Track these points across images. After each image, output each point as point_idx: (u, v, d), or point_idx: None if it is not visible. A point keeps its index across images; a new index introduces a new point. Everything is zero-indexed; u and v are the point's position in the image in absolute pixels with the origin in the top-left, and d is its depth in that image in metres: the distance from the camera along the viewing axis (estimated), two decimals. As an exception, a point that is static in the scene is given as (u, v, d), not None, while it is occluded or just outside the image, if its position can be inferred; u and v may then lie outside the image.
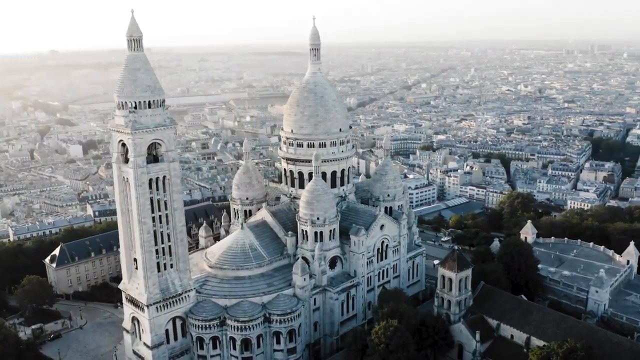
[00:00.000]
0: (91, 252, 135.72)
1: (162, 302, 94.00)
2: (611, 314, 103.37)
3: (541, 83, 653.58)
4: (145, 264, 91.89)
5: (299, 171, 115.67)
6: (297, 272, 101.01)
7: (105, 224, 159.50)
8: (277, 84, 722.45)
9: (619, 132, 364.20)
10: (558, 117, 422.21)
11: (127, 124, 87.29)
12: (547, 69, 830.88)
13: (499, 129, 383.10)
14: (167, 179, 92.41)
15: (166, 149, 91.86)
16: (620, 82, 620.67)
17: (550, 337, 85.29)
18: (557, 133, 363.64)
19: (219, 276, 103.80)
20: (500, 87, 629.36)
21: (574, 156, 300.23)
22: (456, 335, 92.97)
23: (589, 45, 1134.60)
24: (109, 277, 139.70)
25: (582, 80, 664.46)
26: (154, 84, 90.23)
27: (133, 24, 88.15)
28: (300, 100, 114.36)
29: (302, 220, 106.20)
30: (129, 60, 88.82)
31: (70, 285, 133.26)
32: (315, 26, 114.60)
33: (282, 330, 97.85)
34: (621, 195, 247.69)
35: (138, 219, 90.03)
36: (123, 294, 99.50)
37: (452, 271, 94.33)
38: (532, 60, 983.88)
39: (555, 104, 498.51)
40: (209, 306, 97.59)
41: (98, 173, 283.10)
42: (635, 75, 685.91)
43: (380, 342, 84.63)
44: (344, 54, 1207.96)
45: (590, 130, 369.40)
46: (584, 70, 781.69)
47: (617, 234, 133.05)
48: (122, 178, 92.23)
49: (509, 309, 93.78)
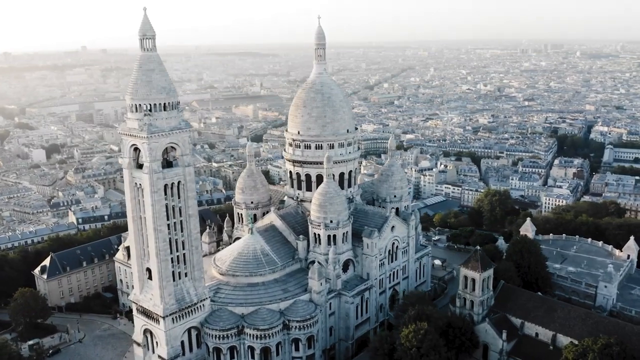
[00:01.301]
0: (83, 262, 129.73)
1: (177, 313, 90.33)
2: (620, 308, 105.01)
3: (500, 82, 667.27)
4: (161, 274, 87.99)
5: (306, 173, 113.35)
6: (313, 277, 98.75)
7: (91, 231, 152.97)
8: (238, 84, 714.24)
9: (582, 129, 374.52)
10: (520, 115, 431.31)
11: (141, 127, 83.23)
12: (504, 68, 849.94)
13: (465, 127, 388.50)
14: (181, 184, 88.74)
15: (181, 153, 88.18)
16: (576, 80, 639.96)
17: (577, 334, 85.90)
18: (522, 131, 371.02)
19: (231, 283, 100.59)
20: (461, 87, 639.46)
21: (542, 153, 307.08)
22: (481, 335, 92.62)
23: (542, 45, 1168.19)
24: (101, 287, 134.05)
25: (539, 78, 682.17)
26: (169, 85, 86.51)
27: (146, 23, 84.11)
28: (306, 101, 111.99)
29: (314, 224, 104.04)
30: (142, 60, 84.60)
31: (62, 297, 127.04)
32: (321, 25, 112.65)
33: (301, 337, 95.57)
34: (592, 191, 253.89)
35: (153, 226, 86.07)
36: (134, 306, 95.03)
37: (475, 271, 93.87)
38: (488, 59, 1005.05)
39: (516, 102, 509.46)
40: (225, 315, 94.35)
41: (66, 178, 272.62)
42: (590, 74, 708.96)
43: (411, 346, 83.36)
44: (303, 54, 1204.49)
45: (554, 128, 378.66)
46: (539, 69, 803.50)
47: (612, 229, 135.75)
48: (135, 184, 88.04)
49: (532, 307, 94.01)
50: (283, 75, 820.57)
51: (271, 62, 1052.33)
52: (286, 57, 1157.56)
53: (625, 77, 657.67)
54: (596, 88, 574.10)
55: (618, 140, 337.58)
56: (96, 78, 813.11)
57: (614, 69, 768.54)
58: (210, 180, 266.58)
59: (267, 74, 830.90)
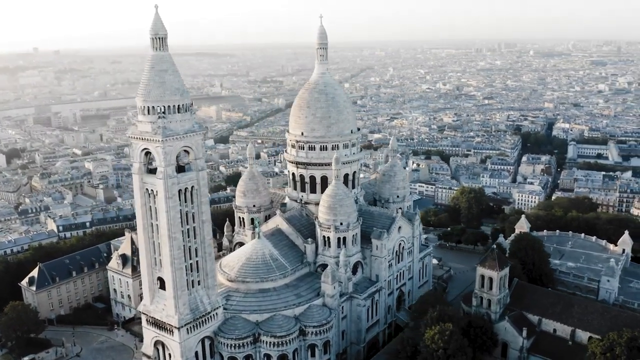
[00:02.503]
0: (72, 272, 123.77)
1: (192, 323, 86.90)
2: (622, 301, 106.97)
3: (458, 81, 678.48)
4: (176, 283, 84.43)
5: (310, 175, 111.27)
6: (327, 281, 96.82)
7: (75, 239, 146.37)
8: (198, 85, 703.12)
9: (543, 126, 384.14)
10: (482, 113, 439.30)
11: (155, 130, 79.61)
12: (461, 67, 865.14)
13: (430, 126, 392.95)
14: (195, 189, 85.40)
15: (195, 156, 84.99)
16: (532, 79, 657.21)
17: (596, 328, 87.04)
18: (487, 129, 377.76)
19: (241, 290, 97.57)
20: (421, 86, 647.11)
21: (508, 150, 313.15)
22: (501, 333, 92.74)
23: (496, 44, 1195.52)
24: (91, 298, 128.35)
25: (495, 77, 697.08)
26: (182, 86, 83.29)
27: (157, 21, 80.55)
28: (310, 101, 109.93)
29: (323, 226, 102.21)
30: (154, 60, 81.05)
31: (52, 309, 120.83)
32: (323, 25, 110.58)
33: (317, 343, 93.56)
34: (562, 186, 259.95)
35: (168, 234, 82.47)
36: (143, 317, 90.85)
37: (493, 270, 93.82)
38: (444, 59, 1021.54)
39: (476, 101, 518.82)
40: (240, 323, 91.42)
41: (31, 184, 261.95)
42: (545, 72, 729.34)
43: (438, 347, 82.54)
44: (260, 55, 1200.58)
45: (516, 125, 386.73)
46: (495, 68, 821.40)
47: (602, 224, 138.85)
48: (145, 190, 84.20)
49: (549, 304, 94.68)
50: (242, 76, 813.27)
51: (229, 63, 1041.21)
52: (244, 57, 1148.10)
53: (579, 75, 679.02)
54: (552, 86, 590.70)
55: (580, 136, 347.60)
56: (50, 80, 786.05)
57: (568, 67, 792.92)
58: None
59: (226, 75, 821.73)
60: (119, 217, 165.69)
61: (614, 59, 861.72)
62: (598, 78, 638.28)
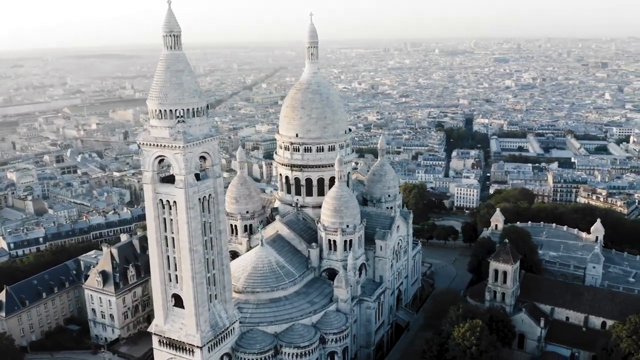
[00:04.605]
0: (42, 293, 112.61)
1: (213, 340, 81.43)
2: (608, 286, 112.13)
3: (372, 80, 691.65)
4: (197, 299, 78.73)
5: (306, 178, 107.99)
6: (340, 286, 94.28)
7: (32, 257, 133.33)
8: (108, 88, 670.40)
9: (462, 122, 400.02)
10: (402, 111, 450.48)
11: (175, 135, 73.63)
12: (372, 66, 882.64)
13: (357, 124, 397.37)
14: (212, 197, 79.98)
15: (212, 162, 79.59)
16: (442, 77, 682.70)
17: (609, 313, 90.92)
18: (411, 126, 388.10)
19: (251, 301, 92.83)
20: (337, 85, 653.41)
21: (436, 146, 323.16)
22: (518, 325, 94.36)
23: (402, 43, 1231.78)
24: (62, 320, 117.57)
25: (407, 76, 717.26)
26: (198, 87, 77.66)
27: (171, 18, 74.58)
28: (304, 102, 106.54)
29: (329, 230, 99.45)
30: (170, 60, 74.88)
31: (22, 335, 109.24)
32: (313, 23, 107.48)
33: (337, 350, 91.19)
34: (494, 179, 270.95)
35: (189, 247, 76.66)
36: (155, 338, 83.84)
37: (507, 264, 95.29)
38: (355, 58, 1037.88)
39: (393, 99, 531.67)
40: (259, 336, 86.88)
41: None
42: (452, 70, 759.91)
43: (470, 344, 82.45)
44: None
45: (438, 122, 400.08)
46: (405, 67, 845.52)
47: (569, 213, 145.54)
48: (159, 201, 77.78)
49: (559, 293, 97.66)
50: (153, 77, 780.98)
51: (137, 64, 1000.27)
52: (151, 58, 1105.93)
53: (485, 72, 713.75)
54: (462, 83, 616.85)
55: (500, 131, 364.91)
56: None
57: (473, 64, 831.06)
58: (116, 191, 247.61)
59: (135, 76, 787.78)
60: (74, 231, 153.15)
61: (515, 56, 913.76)
62: (503, 74, 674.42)
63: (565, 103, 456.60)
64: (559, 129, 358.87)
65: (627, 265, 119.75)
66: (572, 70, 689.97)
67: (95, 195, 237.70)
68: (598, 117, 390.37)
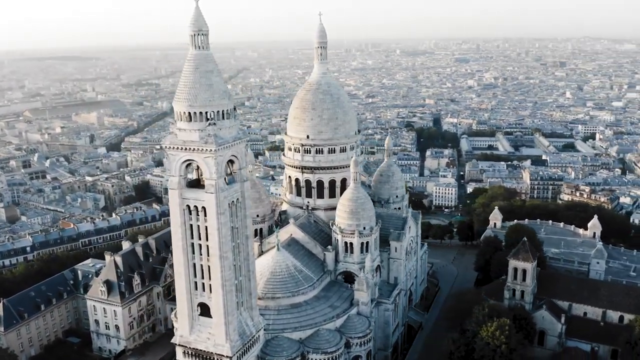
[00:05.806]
0: (40, 305, 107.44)
1: (242, 349, 78.99)
2: (612, 280, 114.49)
3: (336, 80, 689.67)
4: (226, 308, 76.13)
5: (317, 180, 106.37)
6: (361, 289, 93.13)
7: (22, 267, 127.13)
8: (68, 90, 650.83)
9: (431, 122, 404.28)
10: (370, 111, 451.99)
11: (205, 139, 70.94)
12: (335, 67, 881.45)
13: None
14: (239, 202, 77.58)
15: (239, 166, 77.10)
16: (405, 77, 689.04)
17: (626, 307, 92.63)
18: (382, 126, 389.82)
19: (272, 307, 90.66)
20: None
21: (409, 146, 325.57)
22: (538, 322, 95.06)
23: (363, 44, 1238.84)
24: (61, 332, 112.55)
25: (371, 76, 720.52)
26: (227, 89, 75.18)
27: (199, 16, 71.84)
28: (315, 102, 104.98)
29: (345, 232, 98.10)
30: (198, 60, 72.01)
31: (22, 349, 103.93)
32: (322, 24, 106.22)
33: (361, 354, 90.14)
34: (469, 177, 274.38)
35: (219, 254, 74.07)
36: (179, 349, 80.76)
37: (527, 262, 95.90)
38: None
39: (360, 100, 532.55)
40: (285, 343, 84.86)
41: None
42: (415, 70, 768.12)
43: (500, 343, 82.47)
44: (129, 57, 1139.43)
45: (407, 122, 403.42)
46: (368, 67, 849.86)
47: (563, 210, 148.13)
48: (185, 207, 74.90)
49: (576, 289, 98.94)
50: (113, 79, 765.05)
51: (96, 66, 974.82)
52: (111, 60, 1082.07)
53: (447, 72, 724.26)
54: (425, 83, 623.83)
55: (469, 130, 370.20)
56: None
57: (435, 65, 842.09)
58: (90, 196, 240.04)
59: (96, 79, 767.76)
60: (63, 239, 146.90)
61: (474, 56, 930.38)
62: (465, 74, 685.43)
63: (528, 102, 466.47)
64: (527, 127, 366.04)
65: (627, 259, 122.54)
66: (532, 70, 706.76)
67: (69, 200, 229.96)
68: (562, 115, 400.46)
